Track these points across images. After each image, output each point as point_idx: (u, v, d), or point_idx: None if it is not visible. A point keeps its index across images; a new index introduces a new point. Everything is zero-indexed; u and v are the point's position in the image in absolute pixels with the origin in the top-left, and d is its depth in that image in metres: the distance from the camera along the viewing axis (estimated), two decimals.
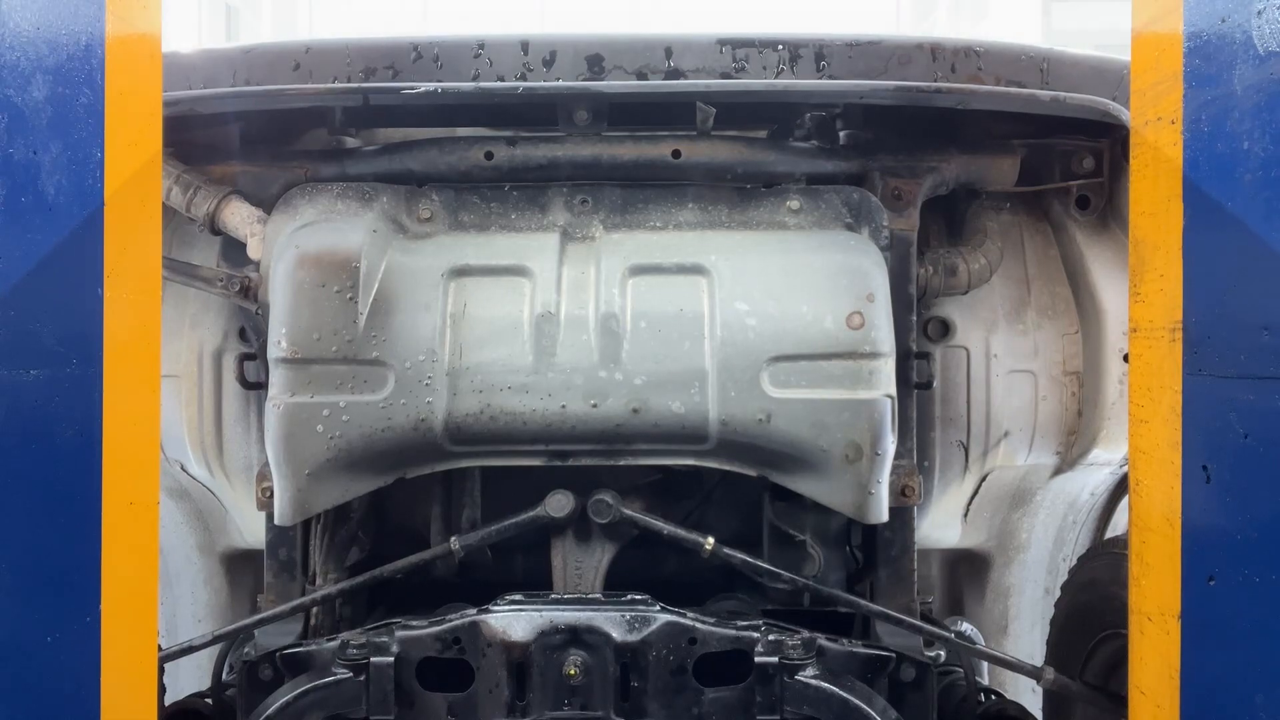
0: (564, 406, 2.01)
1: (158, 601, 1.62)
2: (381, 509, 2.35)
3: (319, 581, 2.25)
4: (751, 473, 2.10)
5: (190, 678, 2.53)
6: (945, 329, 2.40)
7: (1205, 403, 1.48)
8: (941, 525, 2.58)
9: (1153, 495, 1.59)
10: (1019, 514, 2.68)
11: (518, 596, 2.02)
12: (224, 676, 2.18)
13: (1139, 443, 1.64)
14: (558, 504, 2.10)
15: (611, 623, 1.96)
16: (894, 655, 2.04)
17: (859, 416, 2.00)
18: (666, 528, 2.12)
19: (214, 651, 2.21)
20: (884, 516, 2.09)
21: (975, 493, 2.56)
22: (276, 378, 2.04)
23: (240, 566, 2.78)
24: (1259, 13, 1.38)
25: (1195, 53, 1.48)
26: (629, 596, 2.02)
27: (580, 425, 2.02)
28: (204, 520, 2.69)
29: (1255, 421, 1.41)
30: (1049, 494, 2.64)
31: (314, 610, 2.24)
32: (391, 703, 1.95)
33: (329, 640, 2.03)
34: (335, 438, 2.01)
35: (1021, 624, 2.75)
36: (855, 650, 2.02)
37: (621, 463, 2.10)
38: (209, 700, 2.16)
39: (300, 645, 2.05)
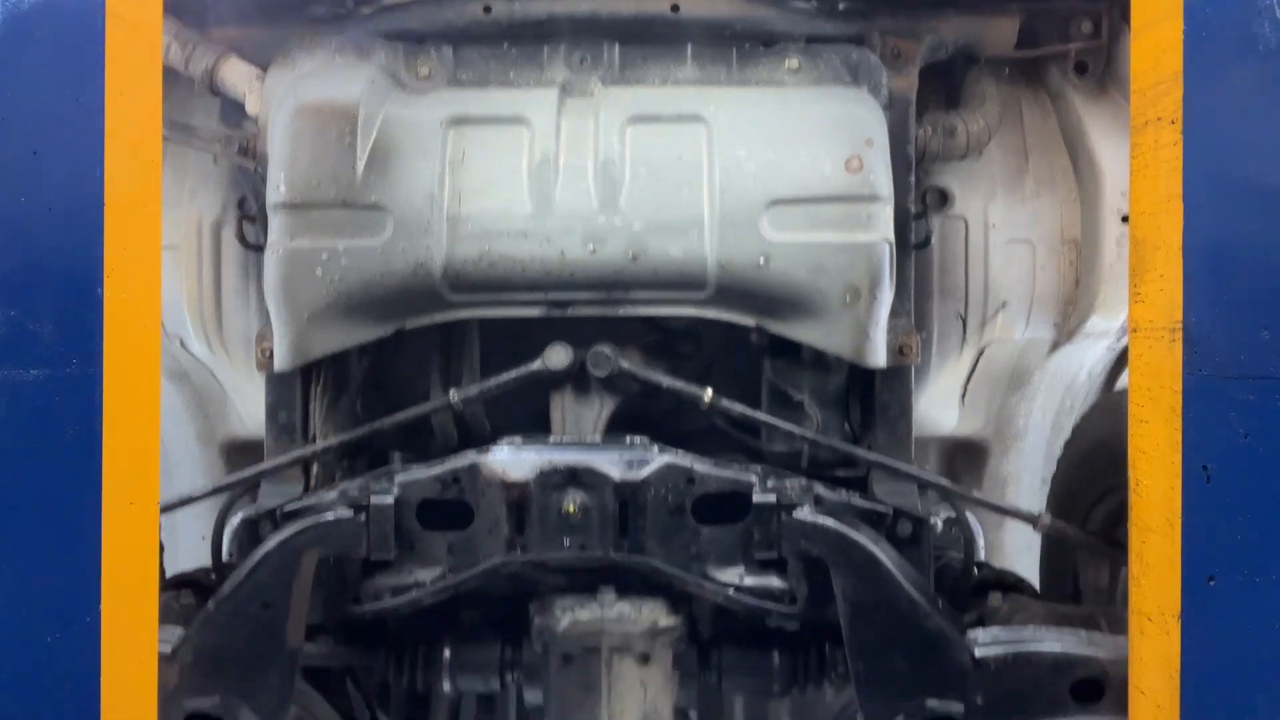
0: (563, 252, 2.00)
1: (158, 599, 1.62)
2: (380, 381, 2.34)
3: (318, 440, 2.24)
4: (750, 322, 2.09)
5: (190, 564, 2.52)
6: (944, 199, 2.39)
7: (1205, 403, 1.47)
8: (939, 405, 2.58)
9: (1153, 495, 1.59)
10: (1016, 398, 2.66)
11: (517, 439, 2.01)
12: (223, 544, 2.16)
13: (1139, 443, 1.64)
14: (556, 356, 2.09)
15: (610, 463, 1.96)
16: (891, 510, 2.04)
17: (857, 259, 2.01)
18: (665, 380, 2.12)
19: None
20: (882, 360, 2.10)
21: (973, 370, 2.55)
22: (276, 223, 2.04)
23: (239, 458, 2.74)
24: (1259, 13, 1.39)
25: (1195, 53, 1.48)
26: (628, 439, 2.02)
27: (579, 271, 2.02)
28: (203, 407, 2.68)
29: (1255, 421, 1.41)
30: (1046, 375, 2.63)
31: (314, 473, 2.23)
32: (391, 543, 1.94)
33: (328, 491, 2.03)
34: (334, 282, 2.01)
35: None
36: (852, 502, 2.03)
37: (620, 312, 2.09)
38: (213, 575, 2.15)
39: (299, 500, 2.05)
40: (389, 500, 1.94)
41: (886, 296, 2.04)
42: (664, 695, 2.04)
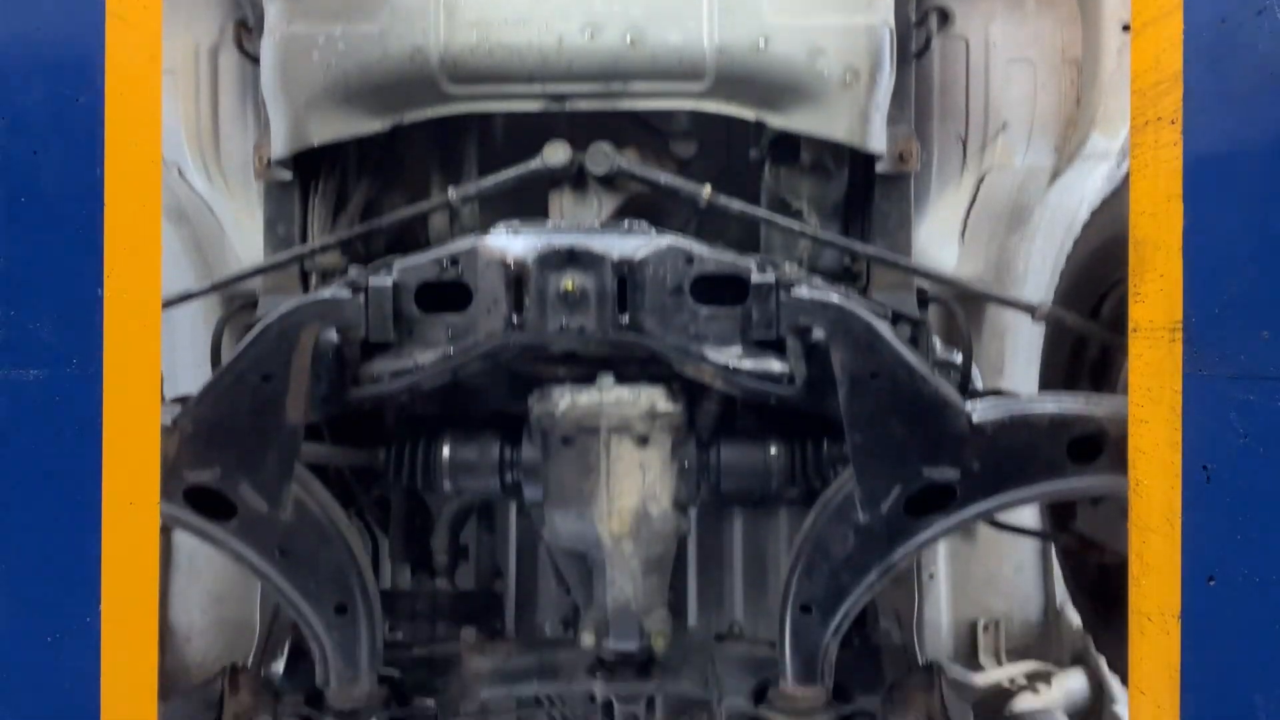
0: (561, 38, 2.01)
1: (158, 599, 1.62)
2: (380, 196, 2.34)
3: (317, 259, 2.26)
4: (749, 115, 2.10)
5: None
6: (944, 18, 2.39)
7: (1205, 403, 1.47)
8: (939, 242, 2.57)
9: (1153, 495, 1.59)
10: (1016, 238, 2.64)
11: (515, 222, 2.02)
12: (221, 352, 2.18)
13: (1139, 443, 1.64)
14: (555, 153, 2.10)
15: (609, 244, 1.95)
16: (889, 311, 2.06)
17: (857, 40, 2.03)
18: (663, 177, 2.13)
19: None
20: (882, 145, 2.12)
21: (972, 201, 2.54)
22: (273, 9, 2.06)
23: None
24: (1259, 13, 1.38)
25: (1195, 53, 1.48)
26: (627, 223, 2.02)
27: (577, 59, 2.03)
28: (202, 249, 2.66)
29: (1255, 421, 1.41)
30: (1047, 211, 2.60)
31: (312, 285, 2.25)
32: (390, 324, 1.95)
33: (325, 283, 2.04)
34: (331, 67, 2.03)
35: (1017, 363, 2.72)
36: (850, 296, 2.03)
37: (619, 106, 2.09)
38: None
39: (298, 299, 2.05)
40: (387, 283, 1.94)
41: (886, 81, 2.05)
42: (663, 481, 2.04)
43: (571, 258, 1.93)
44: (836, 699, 2.09)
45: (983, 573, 2.81)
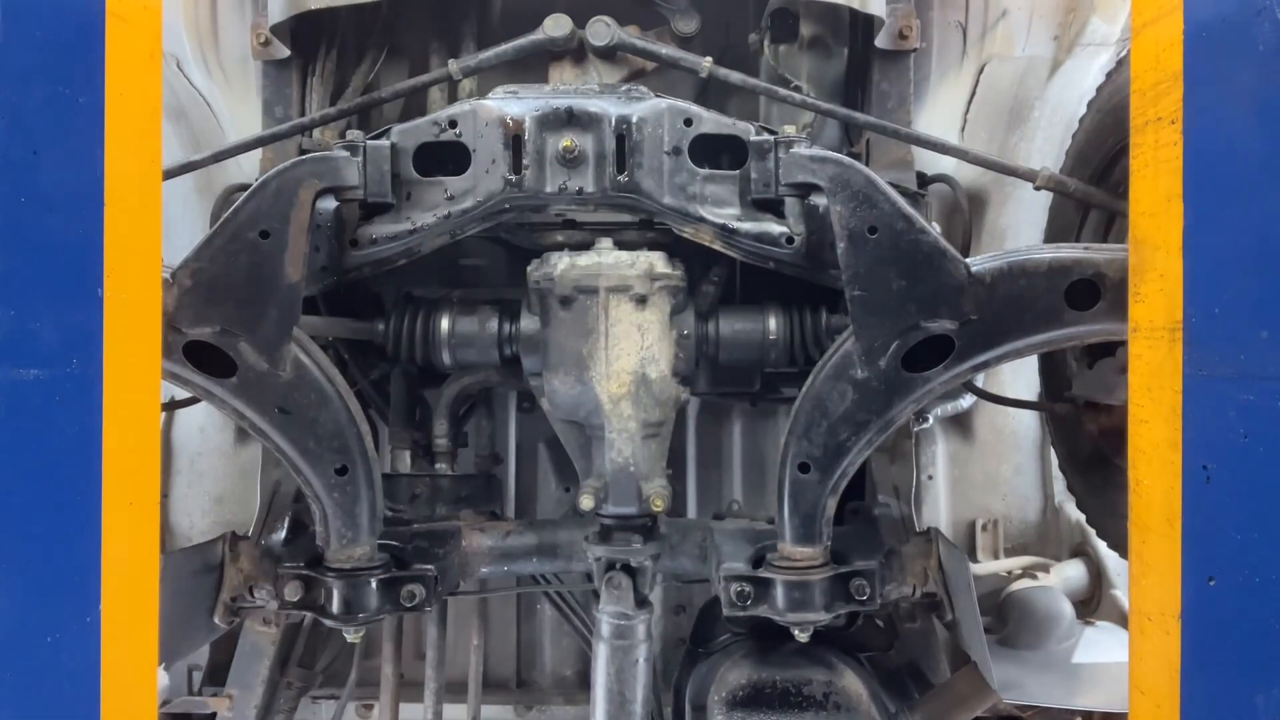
0: None
1: (158, 592, 1.62)
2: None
3: (315, 136, 2.27)
4: None
5: None
6: None
7: (1205, 403, 1.47)
8: (938, 135, 2.56)
9: (1153, 495, 1.59)
10: (1016, 137, 2.63)
11: (514, 87, 2.04)
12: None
13: (1139, 443, 1.64)
14: (556, 25, 2.11)
15: (607, 105, 1.97)
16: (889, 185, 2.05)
17: None
18: (663, 49, 2.14)
19: None
20: (882, 11, 2.14)
21: (973, 93, 2.53)
22: None
23: None
24: (1259, 12, 1.38)
25: (1195, 53, 1.48)
26: (625, 87, 2.04)
27: None
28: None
29: (1255, 421, 1.41)
30: (1047, 108, 2.59)
31: None
32: (388, 184, 1.96)
33: None
34: None
35: None
36: None
37: None
38: None
39: None
40: (385, 143, 1.96)
41: None
42: (661, 345, 2.04)
43: (570, 118, 1.95)
44: (834, 564, 2.09)
45: (981, 475, 2.82)
